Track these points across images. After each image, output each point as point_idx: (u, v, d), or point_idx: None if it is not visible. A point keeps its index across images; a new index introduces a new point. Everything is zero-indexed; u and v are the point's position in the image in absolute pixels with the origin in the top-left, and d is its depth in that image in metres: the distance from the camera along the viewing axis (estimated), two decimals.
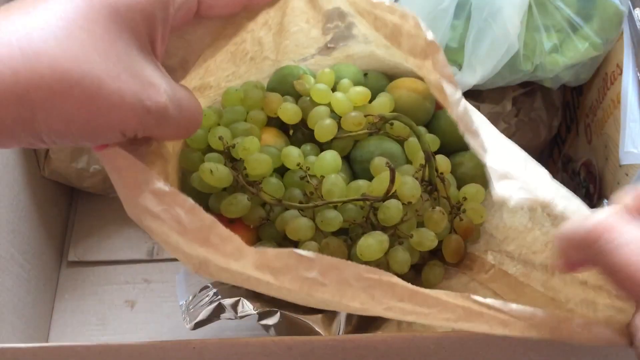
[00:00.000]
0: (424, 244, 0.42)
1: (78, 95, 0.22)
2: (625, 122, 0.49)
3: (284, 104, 0.45)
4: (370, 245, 0.40)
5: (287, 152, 0.43)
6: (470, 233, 0.45)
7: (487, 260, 0.43)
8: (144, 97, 0.23)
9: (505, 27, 0.47)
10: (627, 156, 0.48)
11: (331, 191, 0.41)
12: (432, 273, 0.44)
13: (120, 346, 0.38)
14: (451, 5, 0.48)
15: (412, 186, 0.41)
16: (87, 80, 0.22)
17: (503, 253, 0.43)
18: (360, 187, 0.42)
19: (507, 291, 0.39)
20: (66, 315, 0.60)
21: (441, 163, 0.44)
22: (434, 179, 0.43)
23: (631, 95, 0.49)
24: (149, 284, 0.62)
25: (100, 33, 0.23)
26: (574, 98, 0.62)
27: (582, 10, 0.50)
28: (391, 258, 0.41)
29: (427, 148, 0.43)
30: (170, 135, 0.28)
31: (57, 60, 0.21)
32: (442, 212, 0.42)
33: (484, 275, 0.43)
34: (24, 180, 0.56)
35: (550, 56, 0.50)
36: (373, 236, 0.40)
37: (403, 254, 0.41)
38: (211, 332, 0.47)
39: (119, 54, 0.23)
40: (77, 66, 0.21)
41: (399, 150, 0.46)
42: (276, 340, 0.37)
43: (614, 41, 0.52)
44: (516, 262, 0.41)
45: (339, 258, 0.40)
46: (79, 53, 0.22)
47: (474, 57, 0.49)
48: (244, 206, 0.42)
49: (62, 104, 0.21)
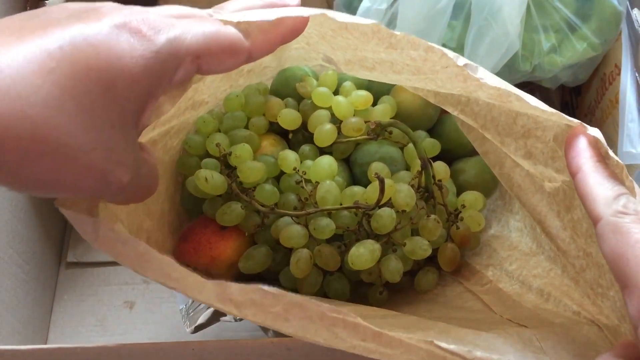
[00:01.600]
0: (416, 252, 0.41)
1: (49, 162, 0.22)
2: (623, 122, 0.49)
3: (284, 111, 0.45)
4: (361, 255, 0.39)
5: (284, 156, 0.43)
6: (468, 241, 0.44)
7: (486, 275, 0.43)
8: (109, 175, 0.24)
9: (505, 27, 0.47)
10: (626, 156, 0.48)
11: (325, 198, 0.41)
12: (425, 279, 0.44)
13: (119, 347, 0.38)
14: (449, 5, 0.48)
15: (406, 194, 0.41)
16: (62, 150, 0.22)
17: (503, 271, 0.43)
18: (354, 194, 0.42)
19: (497, 304, 0.39)
20: (65, 316, 0.60)
21: (439, 170, 0.44)
22: (430, 186, 0.43)
23: (629, 96, 0.49)
24: (148, 284, 0.62)
25: (89, 106, 0.23)
26: (572, 98, 0.62)
27: (580, 10, 0.50)
28: (383, 267, 0.41)
29: (423, 155, 0.43)
30: (119, 202, 0.29)
31: (38, 127, 0.21)
32: (437, 221, 0.42)
33: (479, 288, 0.43)
34: None
35: (548, 56, 0.50)
36: (365, 245, 0.40)
37: (396, 263, 0.41)
38: (210, 333, 0.47)
39: (100, 130, 0.23)
40: (57, 137, 0.22)
41: (399, 155, 0.46)
42: (275, 341, 0.37)
43: (612, 41, 0.52)
44: (514, 282, 0.41)
45: (332, 265, 0.40)
46: (63, 124, 0.22)
47: (473, 56, 0.49)
48: (237, 215, 0.42)
49: (32, 166, 0.22)
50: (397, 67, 0.33)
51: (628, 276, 0.25)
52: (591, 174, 0.28)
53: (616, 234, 0.26)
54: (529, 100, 0.30)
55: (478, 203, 0.45)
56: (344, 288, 0.43)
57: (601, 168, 0.28)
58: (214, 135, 0.43)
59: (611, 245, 0.26)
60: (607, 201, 0.27)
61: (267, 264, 0.42)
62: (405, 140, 0.45)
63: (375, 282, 0.43)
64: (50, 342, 0.59)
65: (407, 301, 0.44)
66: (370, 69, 0.35)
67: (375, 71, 0.35)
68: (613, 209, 0.27)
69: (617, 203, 0.27)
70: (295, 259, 0.41)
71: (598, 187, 0.28)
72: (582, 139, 0.29)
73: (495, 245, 0.45)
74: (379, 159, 0.44)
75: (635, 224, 0.26)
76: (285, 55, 0.43)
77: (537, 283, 0.39)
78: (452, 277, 0.45)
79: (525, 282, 0.40)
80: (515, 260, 0.42)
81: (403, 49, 0.31)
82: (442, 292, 0.44)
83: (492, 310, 0.39)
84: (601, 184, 0.28)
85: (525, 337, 0.33)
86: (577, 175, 0.29)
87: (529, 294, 0.39)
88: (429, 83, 0.33)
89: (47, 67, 0.22)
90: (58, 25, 0.23)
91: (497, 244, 0.45)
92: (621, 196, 0.27)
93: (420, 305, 0.42)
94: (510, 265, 0.42)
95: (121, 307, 0.61)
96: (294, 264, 0.41)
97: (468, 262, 0.46)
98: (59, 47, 0.22)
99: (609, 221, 0.26)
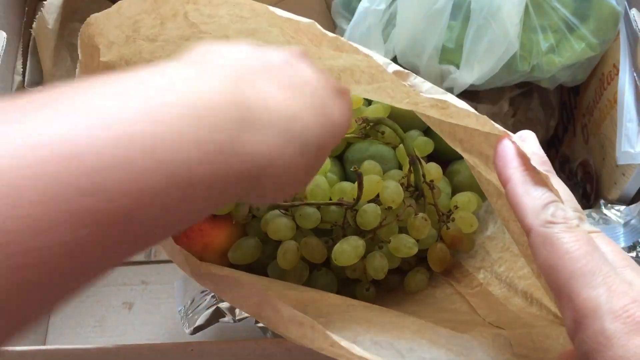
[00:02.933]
0: (401, 250, 0.41)
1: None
2: (622, 122, 0.49)
3: None
4: (344, 251, 0.40)
5: None
6: (459, 242, 0.44)
7: (476, 278, 0.43)
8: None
9: (504, 27, 0.47)
10: (624, 156, 0.48)
11: (314, 192, 0.42)
12: (414, 280, 0.44)
13: (118, 348, 0.38)
14: (447, 5, 0.48)
15: (392, 191, 0.41)
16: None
17: (493, 274, 0.43)
18: (343, 190, 0.42)
19: (483, 307, 0.40)
20: (64, 316, 0.60)
21: (431, 170, 0.44)
22: (420, 185, 0.43)
23: (628, 95, 0.49)
24: (146, 285, 0.62)
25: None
26: (571, 98, 0.62)
27: (579, 10, 0.50)
28: (368, 263, 0.41)
29: (412, 152, 0.43)
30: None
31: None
32: (425, 219, 0.42)
33: (468, 290, 0.43)
34: None
35: (547, 56, 0.50)
36: (348, 242, 0.40)
37: (380, 260, 0.41)
38: (209, 334, 0.47)
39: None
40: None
41: (391, 154, 0.46)
42: (274, 342, 0.37)
43: (610, 41, 0.52)
44: (502, 285, 0.41)
45: (318, 257, 0.41)
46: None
47: (472, 55, 0.49)
48: (228, 205, 0.42)
49: (283, 193, 0.24)
50: (356, 76, 0.33)
51: (560, 288, 0.25)
52: (519, 184, 0.28)
53: (546, 245, 0.25)
54: (460, 104, 0.30)
55: (472, 204, 0.45)
56: (330, 284, 0.43)
57: (529, 177, 0.28)
58: None
59: (543, 257, 0.25)
60: (535, 211, 0.26)
61: (256, 255, 0.43)
62: (397, 141, 0.45)
63: (362, 279, 0.43)
64: (49, 343, 0.59)
65: (396, 301, 0.44)
66: (337, 79, 0.35)
67: (342, 81, 0.35)
68: (542, 219, 0.26)
69: (546, 212, 0.26)
70: (282, 251, 0.41)
71: (526, 197, 0.27)
72: (509, 148, 0.29)
73: (488, 247, 0.45)
74: (370, 157, 0.45)
75: (565, 233, 0.25)
76: None
77: (522, 285, 0.39)
78: (444, 278, 0.45)
79: (512, 284, 0.40)
80: (504, 262, 0.42)
81: (348, 52, 0.31)
82: (431, 294, 0.44)
83: (477, 313, 0.39)
84: (529, 193, 0.27)
85: (501, 341, 0.33)
86: (507, 185, 0.28)
87: (516, 297, 0.39)
88: (383, 94, 0.33)
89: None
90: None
91: (491, 246, 0.45)
92: (550, 204, 0.26)
93: (409, 306, 0.43)
94: (499, 267, 0.43)
95: (120, 308, 0.61)
96: (281, 256, 0.41)
97: (461, 264, 0.46)
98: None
99: (538, 232, 0.26)
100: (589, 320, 0.23)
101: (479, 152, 0.34)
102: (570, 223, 0.26)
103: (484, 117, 0.30)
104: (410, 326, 0.34)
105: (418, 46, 0.50)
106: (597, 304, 0.23)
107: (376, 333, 0.33)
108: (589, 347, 0.23)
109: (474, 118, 0.30)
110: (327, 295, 0.38)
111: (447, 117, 0.32)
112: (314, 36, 0.31)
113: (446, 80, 0.51)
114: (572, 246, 0.25)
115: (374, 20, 0.50)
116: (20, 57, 0.55)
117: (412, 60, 0.51)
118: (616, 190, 0.52)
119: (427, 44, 0.49)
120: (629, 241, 0.49)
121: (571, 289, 0.24)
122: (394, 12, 0.50)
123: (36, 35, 0.53)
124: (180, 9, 0.33)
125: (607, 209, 0.51)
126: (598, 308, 0.23)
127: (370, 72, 0.32)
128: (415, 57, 0.51)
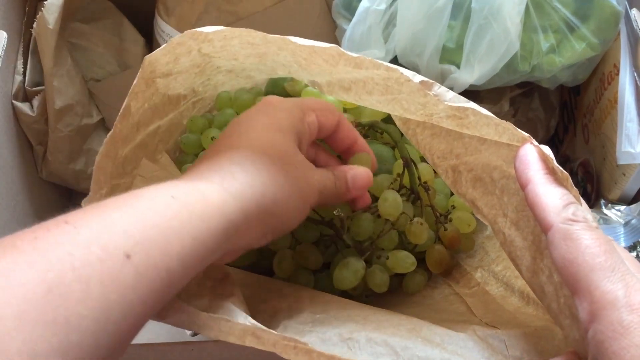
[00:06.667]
0: (399, 267, 0.41)
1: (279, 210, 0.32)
2: (622, 122, 0.49)
3: None
4: (345, 278, 0.40)
5: None
6: (457, 242, 0.44)
7: (474, 278, 0.43)
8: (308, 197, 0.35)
9: (505, 26, 0.47)
10: (624, 156, 0.48)
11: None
12: (412, 281, 0.44)
13: None
14: (447, 4, 0.48)
15: (391, 204, 0.41)
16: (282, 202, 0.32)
17: (490, 273, 0.43)
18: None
19: (480, 307, 0.40)
20: None
21: (424, 172, 0.44)
22: (415, 187, 0.43)
23: (628, 95, 0.49)
24: None
25: (289, 160, 0.33)
26: (571, 98, 0.62)
27: (579, 10, 0.50)
28: (369, 280, 0.41)
29: (406, 154, 0.43)
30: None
31: (262, 204, 0.31)
32: (421, 223, 0.41)
33: (466, 290, 0.43)
34: (22, 182, 0.56)
35: (547, 57, 0.50)
36: (348, 267, 0.40)
37: (381, 276, 0.41)
38: None
39: (297, 169, 0.34)
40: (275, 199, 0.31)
41: (390, 154, 0.46)
42: None
43: (611, 41, 0.52)
44: (500, 284, 0.41)
45: (313, 265, 0.41)
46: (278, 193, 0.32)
47: (472, 55, 0.49)
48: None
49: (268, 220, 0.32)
50: (368, 87, 0.34)
51: (578, 280, 0.26)
52: (541, 184, 0.29)
53: (567, 240, 0.27)
54: (483, 112, 0.31)
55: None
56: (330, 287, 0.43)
57: (550, 179, 0.29)
58: (209, 130, 0.44)
59: (562, 252, 0.27)
60: (557, 209, 0.28)
61: (251, 259, 0.43)
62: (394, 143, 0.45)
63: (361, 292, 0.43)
64: None
65: (393, 302, 0.44)
66: (347, 90, 0.36)
67: (352, 92, 0.36)
68: (563, 217, 0.27)
69: (567, 211, 0.27)
70: (277, 261, 0.41)
71: (548, 196, 0.28)
72: (532, 152, 0.30)
73: (487, 247, 0.45)
74: None
75: (585, 231, 0.27)
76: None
77: (518, 284, 0.39)
78: (442, 279, 0.45)
79: (509, 283, 0.40)
80: (502, 260, 0.42)
81: (367, 68, 0.32)
82: (430, 295, 0.44)
83: (473, 314, 0.39)
84: (551, 193, 0.28)
85: (495, 342, 0.33)
86: (528, 186, 0.29)
87: (512, 297, 0.39)
88: (396, 105, 0.34)
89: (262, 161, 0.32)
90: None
91: (490, 245, 0.45)
92: (570, 205, 0.28)
93: (406, 307, 0.42)
94: (497, 266, 0.42)
95: None
96: (277, 265, 0.41)
97: (460, 264, 0.46)
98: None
99: (559, 228, 0.27)
100: (606, 312, 0.25)
101: (453, 166, 0.37)
102: (591, 224, 0.27)
103: (506, 123, 0.31)
104: (405, 324, 0.34)
105: (418, 46, 0.50)
106: (616, 297, 0.25)
107: (371, 330, 0.33)
108: (604, 337, 0.24)
109: (493, 127, 0.32)
110: (324, 294, 0.38)
111: (462, 128, 0.33)
112: (330, 57, 0.32)
113: (446, 80, 0.51)
114: (593, 242, 0.26)
115: (375, 20, 0.50)
116: (20, 57, 0.55)
117: (413, 60, 0.51)
118: (616, 190, 0.52)
119: (427, 44, 0.49)
120: (629, 241, 0.49)
121: (590, 281, 0.25)
122: (395, 12, 0.50)
123: (37, 35, 0.53)
124: (194, 47, 0.34)
125: (608, 208, 0.51)
126: (616, 300, 0.25)
127: (385, 84, 0.33)
128: (415, 57, 0.51)
